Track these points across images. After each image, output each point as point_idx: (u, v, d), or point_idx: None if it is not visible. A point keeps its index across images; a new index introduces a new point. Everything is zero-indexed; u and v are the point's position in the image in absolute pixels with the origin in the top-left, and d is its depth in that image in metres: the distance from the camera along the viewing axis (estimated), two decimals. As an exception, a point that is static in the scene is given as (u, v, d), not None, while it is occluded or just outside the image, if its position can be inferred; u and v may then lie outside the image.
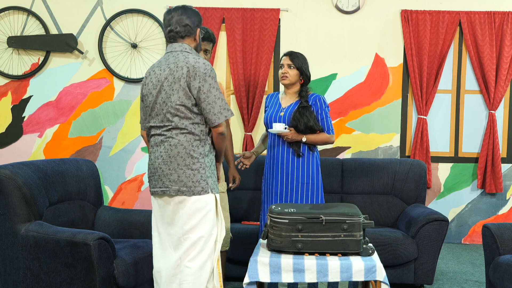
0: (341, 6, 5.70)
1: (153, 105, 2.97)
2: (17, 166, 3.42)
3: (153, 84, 2.98)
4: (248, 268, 2.92)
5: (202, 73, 2.87)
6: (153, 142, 3.01)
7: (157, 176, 2.97)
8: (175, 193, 2.91)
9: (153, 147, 3.01)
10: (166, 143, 2.93)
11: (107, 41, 5.81)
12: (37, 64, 5.86)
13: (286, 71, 3.80)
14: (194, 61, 2.90)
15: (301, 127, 3.72)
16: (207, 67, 2.90)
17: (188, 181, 2.90)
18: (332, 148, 5.78)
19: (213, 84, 2.89)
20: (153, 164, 2.99)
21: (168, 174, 2.92)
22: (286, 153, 3.79)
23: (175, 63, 2.92)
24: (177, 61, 2.93)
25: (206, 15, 5.66)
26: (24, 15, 5.81)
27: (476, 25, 5.58)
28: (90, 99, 5.87)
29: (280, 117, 3.80)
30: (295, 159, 3.78)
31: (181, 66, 2.89)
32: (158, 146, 2.97)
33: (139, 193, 5.94)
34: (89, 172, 4.00)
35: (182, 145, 2.90)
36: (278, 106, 3.88)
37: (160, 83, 2.94)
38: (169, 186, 2.92)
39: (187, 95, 2.88)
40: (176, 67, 2.91)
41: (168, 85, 2.91)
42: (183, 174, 2.90)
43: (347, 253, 2.99)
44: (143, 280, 3.54)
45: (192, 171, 2.91)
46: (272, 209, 3.06)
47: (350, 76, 5.77)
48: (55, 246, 3.19)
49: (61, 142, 5.90)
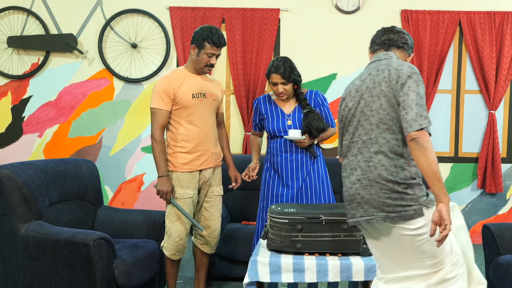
0: (341, 6, 5.70)
1: (351, 118, 2.61)
2: (17, 166, 3.42)
3: (351, 97, 2.63)
4: (248, 268, 2.92)
5: (404, 75, 2.45)
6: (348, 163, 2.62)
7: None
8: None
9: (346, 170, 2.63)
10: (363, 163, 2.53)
11: (107, 41, 5.81)
12: (37, 64, 5.85)
13: (283, 89, 3.68)
14: (397, 63, 2.53)
15: (315, 132, 3.70)
16: (412, 70, 2.48)
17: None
18: (332, 148, 5.78)
19: (413, 88, 2.41)
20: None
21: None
22: (301, 157, 3.75)
23: (376, 68, 2.59)
24: (379, 65, 2.59)
25: (206, 15, 5.66)
26: (24, 15, 5.81)
27: (476, 25, 5.58)
28: (90, 99, 5.87)
29: (290, 126, 3.73)
30: (310, 162, 3.77)
31: (382, 69, 2.53)
32: (354, 170, 2.58)
33: (139, 193, 5.94)
34: (89, 172, 4.00)
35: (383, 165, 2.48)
36: (282, 114, 3.79)
37: (359, 93, 2.59)
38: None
39: (389, 102, 2.47)
40: (377, 71, 2.56)
41: (368, 92, 2.54)
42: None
43: (347, 253, 2.99)
44: (143, 280, 3.54)
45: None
46: (272, 209, 3.06)
47: (350, 76, 5.76)
48: (55, 246, 3.19)
49: (61, 142, 5.90)
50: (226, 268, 4.27)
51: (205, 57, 3.57)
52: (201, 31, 3.57)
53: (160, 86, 3.57)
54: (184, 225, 3.64)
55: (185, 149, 3.60)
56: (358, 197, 2.53)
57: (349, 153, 2.62)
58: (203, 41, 3.54)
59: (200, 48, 3.57)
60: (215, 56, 3.60)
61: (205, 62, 3.59)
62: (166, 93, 3.54)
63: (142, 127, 5.88)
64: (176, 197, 3.59)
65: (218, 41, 3.55)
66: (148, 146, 5.86)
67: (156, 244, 3.76)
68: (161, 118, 3.57)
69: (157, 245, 3.75)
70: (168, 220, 3.65)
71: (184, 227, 3.64)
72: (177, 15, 5.69)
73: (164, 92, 3.54)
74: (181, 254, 3.71)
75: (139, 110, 5.86)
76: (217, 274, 4.29)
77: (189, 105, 3.58)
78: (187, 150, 3.60)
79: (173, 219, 3.62)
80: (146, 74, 5.79)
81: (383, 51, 2.70)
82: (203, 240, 3.78)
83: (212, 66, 3.62)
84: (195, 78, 3.66)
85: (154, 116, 3.58)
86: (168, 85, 3.56)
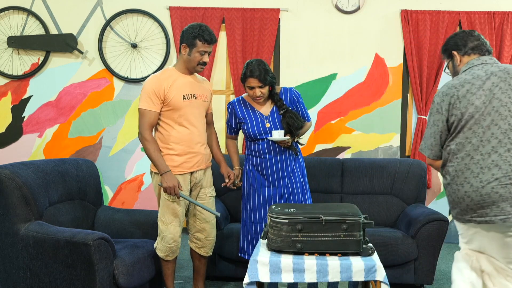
0: (341, 6, 5.70)
1: (479, 117, 2.67)
2: (17, 166, 3.42)
3: (476, 95, 2.69)
4: (248, 268, 2.92)
5: None
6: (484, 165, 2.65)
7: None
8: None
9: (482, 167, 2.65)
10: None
11: (107, 41, 5.81)
12: (37, 64, 5.86)
13: (260, 92, 3.71)
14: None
15: (296, 131, 3.78)
16: None
17: None
18: (332, 148, 5.78)
19: None
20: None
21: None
22: (284, 157, 3.83)
23: (499, 68, 2.73)
24: (500, 66, 2.74)
25: (206, 15, 5.66)
26: (24, 15, 5.81)
27: (476, 25, 5.58)
28: (90, 99, 5.87)
29: (270, 128, 3.78)
30: (293, 159, 3.86)
31: (508, 71, 2.69)
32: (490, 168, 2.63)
33: (139, 193, 5.94)
34: (89, 172, 4.00)
35: None
36: (260, 116, 3.82)
37: (490, 93, 2.67)
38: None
39: None
40: (507, 73, 2.70)
41: (503, 93, 2.66)
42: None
43: (347, 253, 2.99)
44: (143, 280, 3.54)
45: None
46: (272, 209, 3.06)
47: (350, 76, 5.76)
48: (55, 246, 3.19)
49: (61, 142, 5.90)
50: (226, 268, 4.27)
51: (197, 55, 3.50)
52: (191, 29, 3.50)
53: (150, 86, 3.51)
54: (177, 228, 3.60)
55: (176, 151, 3.56)
56: (495, 196, 2.57)
57: (464, 152, 2.69)
58: (193, 39, 3.47)
59: (191, 47, 3.50)
60: (207, 54, 3.53)
61: (198, 60, 3.52)
62: (156, 94, 3.48)
63: (142, 127, 5.88)
64: (167, 198, 3.55)
65: (209, 38, 3.49)
66: (148, 146, 5.85)
67: (156, 244, 3.76)
68: (150, 119, 3.52)
69: (157, 245, 3.75)
70: (161, 222, 3.60)
71: (177, 229, 3.60)
72: (177, 15, 5.69)
73: (153, 93, 3.49)
74: (174, 255, 3.67)
75: (138, 110, 5.85)
76: (217, 274, 4.29)
77: (180, 107, 3.52)
78: (178, 152, 3.56)
79: (166, 221, 3.58)
80: (146, 74, 5.79)
81: (485, 56, 2.83)
82: (200, 244, 3.76)
83: (204, 64, 3.56)
84: (185, 78, 3.60)
85: (142, 117, 3.53)
86: (158, 86, 3.50)
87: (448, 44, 3.01)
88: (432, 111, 2.85)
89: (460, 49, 2.92)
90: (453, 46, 2.96)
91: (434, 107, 2.83)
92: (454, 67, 3.00)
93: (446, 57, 3.05)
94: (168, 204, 3.56)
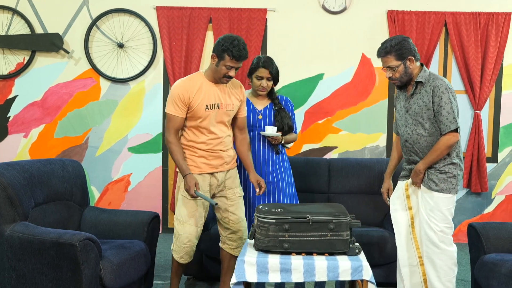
0: (328, 6, 5.72)
1: None
2: (2, 166, 3.39)
3: None
4: (235, 268, 2.92)
5: None
6: None
7: None
8: None
9: None
10: None
11: (93, 41, 5.78)
12: (22, 63, 5.81)
13: (266, 84, 3.90)
14: None
15: (286, 128, 3.97)
16: None
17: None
18: (319, 148, 5.80)
19: None
20: None
21: None
22: (267, 152, 4.00)
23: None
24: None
25: (193, 15, 5.65)
26: (9, 14, 5.76)
27: (462, 26, 5.63)
28: (76, 99, 5.84)
29: (260, 120, 3.95)
30: (276, 158, 4.02)
31: None
32: None
33: (125, 193, 5.91)
34: (75, 172, 3.98)
35: None
36: (253, 109, 3.98)
37: None
38: None
39: None
40: None
41: None
42: None
43: (334, 253, 3.00)
44: (130, 280, 3.53)
45: None
46: (259, 209, 3.07)
47: (337, 76, 5.78)
48: (40, 247, 3.17)
49: (47, 142, 5.86)
50: (213, 269, 4.25)
51: (224, 68, 3.46)
52: (223, 41, 3.45)
53: (176, 92, 3.51)
54: (193, 227, 3.62)
55: (197, 154, 3.60)
56: None
57: None
58: (223, 52, 3.43)
59: (219, 59, 3.46)
60: (234, 69, 3.50)
61: (223, 73, 3.48)
62: (181, 100, 3.49)
63: (129, 127, 5.86)
64: (185, 196, 3.58)
65: (238, 55, 3.42)
66: (134, 146, 5.84)
67: (143, 244, 3.74)
68: (175, 124, 3.54)
69: (144, 246, 3.73)
70: (177, 222, 3.64)
71: (193, 229, 3.62)
72: (164, 15, 5.68)
73: (179, 99, 3.49)
74: (189, 258, 3.69)
75: (125, 110, 5.84)
76: (204, 274, 4.31)
77: (200, 116, 3.54)
78: (198, 154, 3.60)
79: (182, 220, 3.61)
80: (132, 74, 5.77)
81: None
82: (234, 244, 3.77)
83: (230, 78, 3.52)
84: (211, 86, 3.58)
85: (169, 121, 3.56)
86: (184, 92, 3.50)
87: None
88: (453, 94, 3.39)
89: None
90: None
91: (453, 91, 3.40)
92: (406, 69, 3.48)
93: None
94: (186, 203, 3.59)
